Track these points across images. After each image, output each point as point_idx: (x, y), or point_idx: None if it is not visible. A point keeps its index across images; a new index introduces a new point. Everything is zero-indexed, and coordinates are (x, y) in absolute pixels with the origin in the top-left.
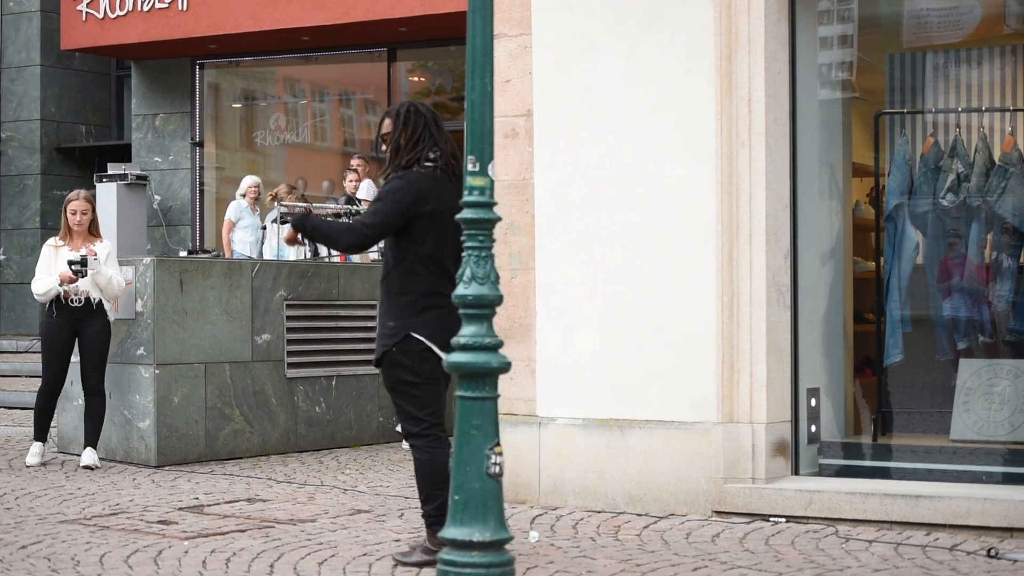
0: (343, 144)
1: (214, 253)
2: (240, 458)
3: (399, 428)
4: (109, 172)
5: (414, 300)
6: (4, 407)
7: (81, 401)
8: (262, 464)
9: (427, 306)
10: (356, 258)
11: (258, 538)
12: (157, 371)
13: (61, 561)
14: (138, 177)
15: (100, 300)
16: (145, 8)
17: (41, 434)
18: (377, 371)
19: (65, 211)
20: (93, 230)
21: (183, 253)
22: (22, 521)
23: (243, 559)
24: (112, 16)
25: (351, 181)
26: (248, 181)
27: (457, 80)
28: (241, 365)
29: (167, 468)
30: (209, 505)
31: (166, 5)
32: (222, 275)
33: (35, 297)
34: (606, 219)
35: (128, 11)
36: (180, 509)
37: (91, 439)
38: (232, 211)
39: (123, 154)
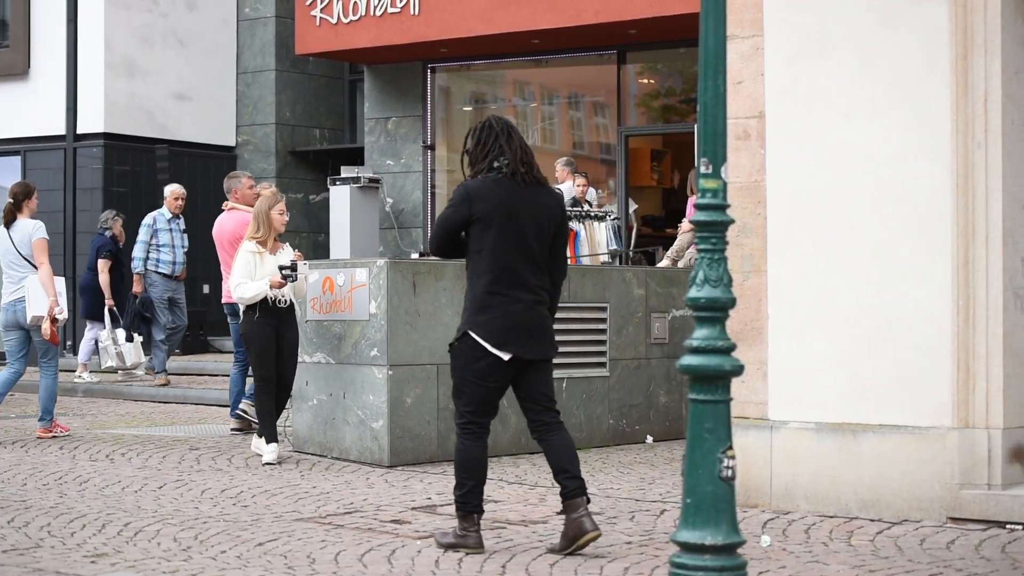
0: (572, 147)
1: None
2: None
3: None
4: (342, 175)
5: (475, 299)
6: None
7: (317, 401)
8: (493, 465)
9: (486, 305)
10: (586, 260)
11: (490, 539)
12: (390, 372)
13: (297, 559)
14: (371, 180)
15: (293, 303)
16: (378, 13)
17: (273, 434)
18: (608, 373)
19: (268, 213)
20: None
21: (415, 255)
22: (259, 519)
23: (475, 559)
24: (345, 21)
25: (579, 186)
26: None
27: (687, 82)
28: None
29: (400, 468)
30: (441, 505)
31: (398, 10)
32: (454, 277)
33: (239, 302)
34: (839, 221)
35: (361, 16)
36: (413, 509)
37: (270, 434)
38: None
39: (356, 157)
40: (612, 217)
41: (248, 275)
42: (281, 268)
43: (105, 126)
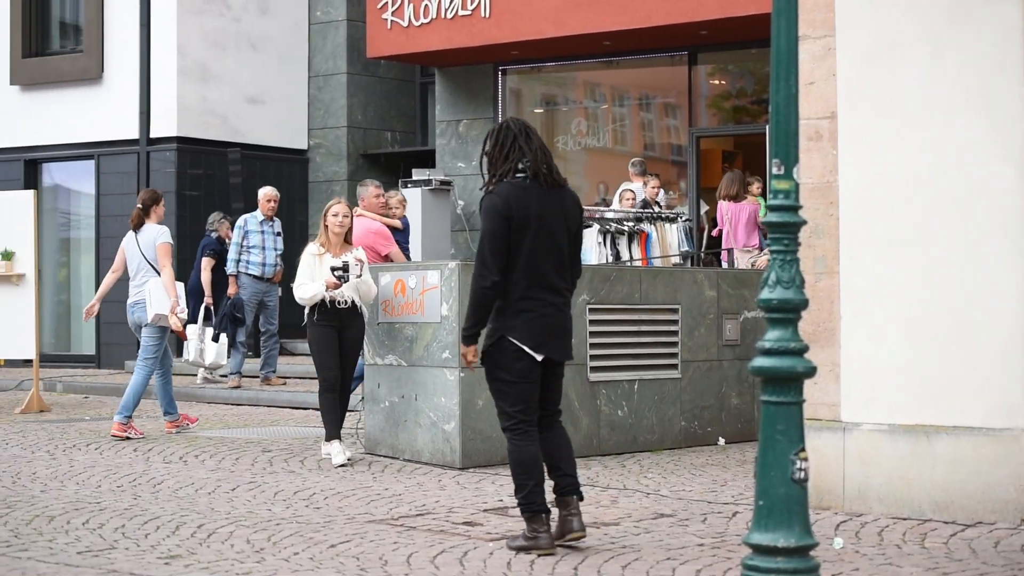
0: (643, 148)
1: None
2: None
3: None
4: (414, 178)
5: (510, 304)
6: (296, 407)
7: (388, 403)
8: None
9: (521, 310)
10: (657, 262)
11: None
12: (462, 374)
13: (369, 560)
14: (442, 182)
15: (358, 303)
16: (449, 16)
17: (336, 432)
18: (679, 375)
19: (326, 216)
20: (347, 237)
21: None
22: (331, 520)
23: (547, 561)
24: (416, 24)
25: (653, 187)
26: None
27: (758, 83)
28: None
29: (471, 470)
30: (513, 507)
31: (469, 12)
32: None
33: (299, 302)
34: (912, 221)
35: (432, 19)
36: (485, 511)
37: (336, 434)
38: None
39: (427, 160)
40: (683, 219)
41: (308, 277)
42: (333, 269)
43: (178, 130)
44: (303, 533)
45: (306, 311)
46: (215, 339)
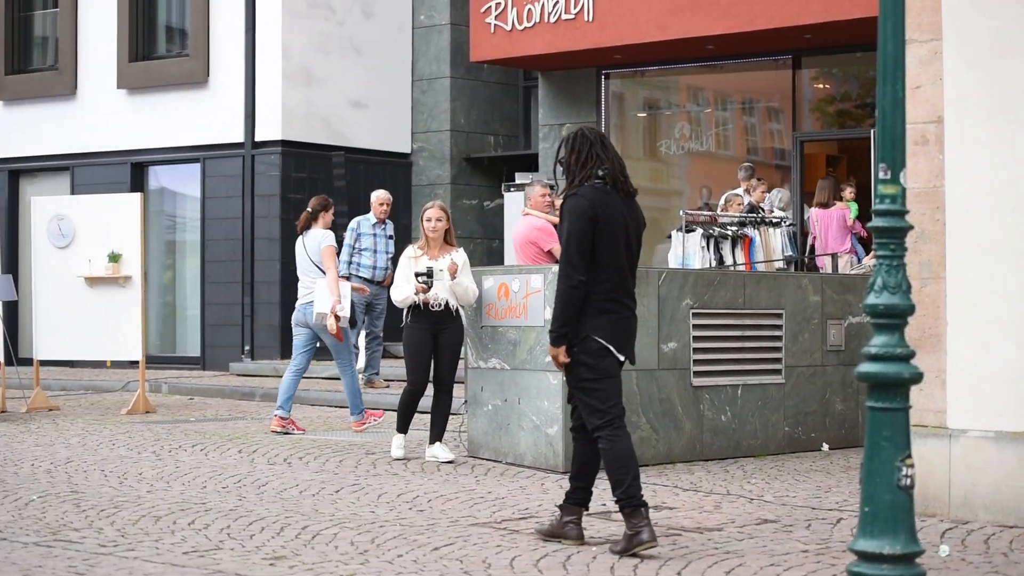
0: (746, 152)
1: None
2: (645, 465)
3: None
4: (517, 181)
5: (593, 305)
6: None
7: (491, 406)
8: (667, 472)
9: (604, 310)
10: (761, 266)
11: (665, 545)
12: (565, 378)
13: (472, 563)
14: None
15: (457, 306)
16: (552, 20)
17: (403, 427)
18: (783, 380)
19: (422, 219)
20: (448, 239)
21: None
22: (435, 523)
23: (651, 566)
24: (520, 28)
25: (761, 191)
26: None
27: (863, 87)
28: (647, 373)
29: None
30: (616, 512)
31: (572, 16)
32: None
33: (395, 304)
34: (1020, 226)
35: (535, 23)
36: (588, 515)
37: (439, 435)
38: None
39: (530, 164)
40: (787, 223)
41: (404, 279)
42: (417, 275)
43: (282, 133)
44: (406, 535)
45: (403, 313)
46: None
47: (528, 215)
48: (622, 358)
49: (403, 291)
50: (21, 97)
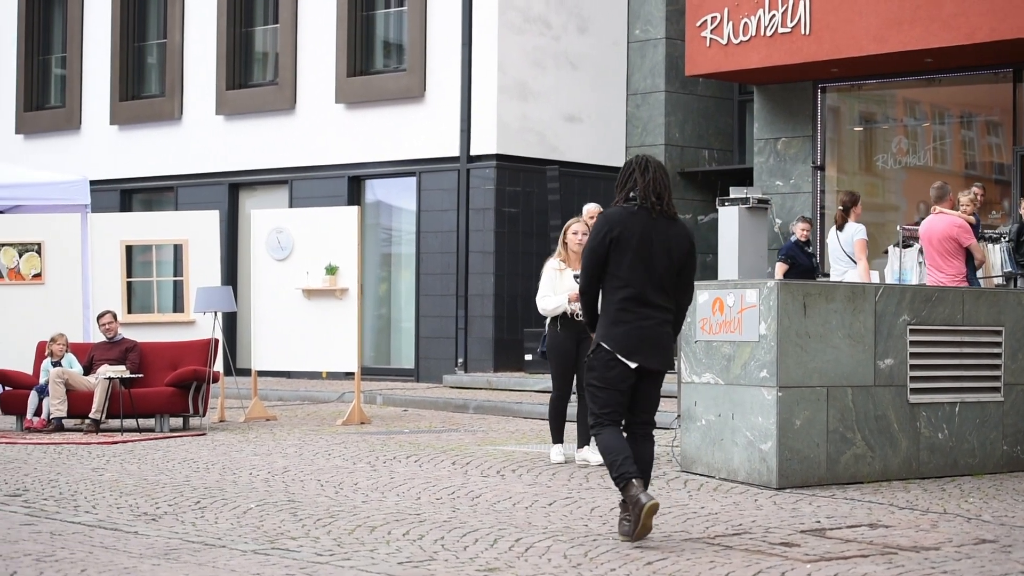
0: (964, 167)
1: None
2: (860, 483)
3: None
4: (731, 196)
5: (609, 315)
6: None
7: (705, 421)
8: (883, 490)
9: (619, 321)
10: (982, 283)
11: (880, 564)
12: (780, 393)
13: None
14: (759, 201)
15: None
16: (768, 33)
17: (558, 436)
18: (1002, 399)
19: (565, 234)
20: None
21: None
22: (648, 538)
23: None
24: (735, 42)
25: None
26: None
27: None
28: (863, 389)
29: (788, 490)
30: (831, 529)
31: (789, 30)
32: (845, 299)
33: (542, 312)
34: None
35: (751, 36)
36: (802, 532)
37: (587, 439)
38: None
39: (744, 178)
40: (1006, 239)
41: (550, 289)
42: (576, 276)
43: (497, 147)
44: (620, 549)
45: (547, 322)
46: None
47: (942, 213)
48: (633, 365)
49: (553, 301)
50: (241, 112)
